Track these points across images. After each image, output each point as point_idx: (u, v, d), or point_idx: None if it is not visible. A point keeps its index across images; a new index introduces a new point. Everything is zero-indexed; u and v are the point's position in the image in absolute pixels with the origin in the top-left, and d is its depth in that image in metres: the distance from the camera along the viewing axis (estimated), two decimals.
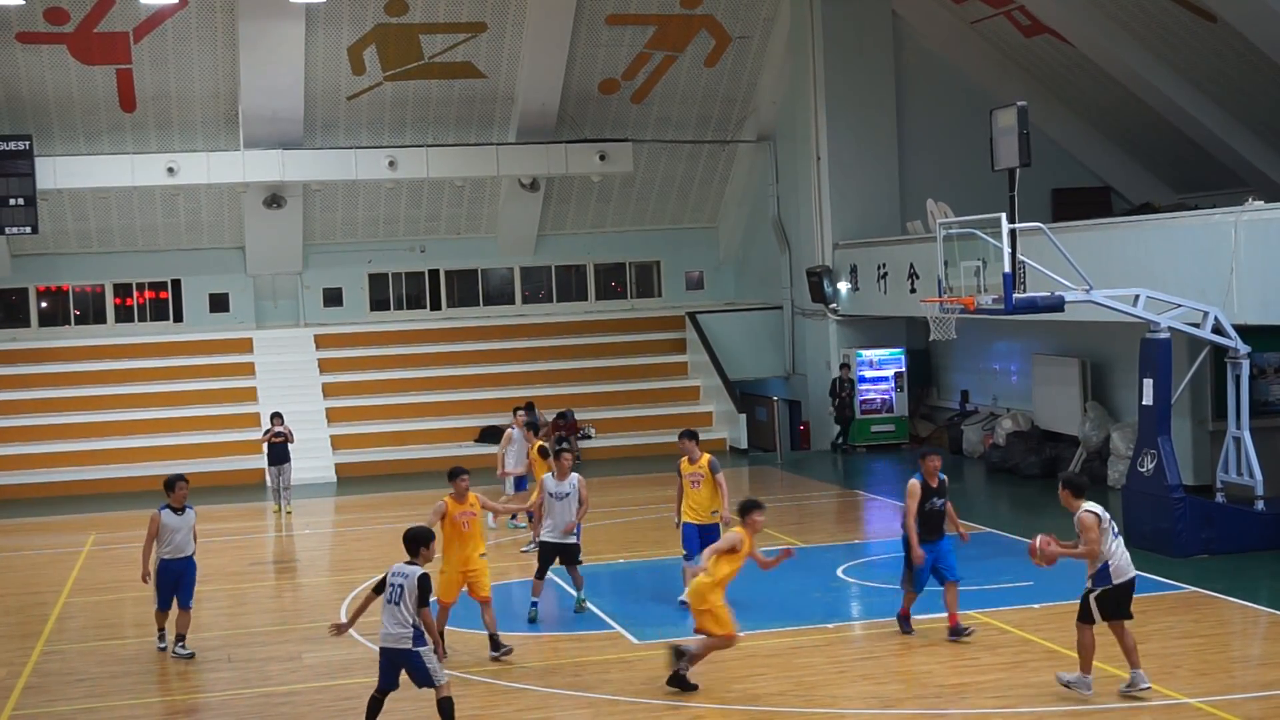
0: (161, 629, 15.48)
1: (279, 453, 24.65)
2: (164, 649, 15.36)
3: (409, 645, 11.46)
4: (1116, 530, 12.39)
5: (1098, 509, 12.31)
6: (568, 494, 15.88)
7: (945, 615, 14.53)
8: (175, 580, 15.16)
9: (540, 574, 16.00)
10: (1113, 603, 12.22)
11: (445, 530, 14.23)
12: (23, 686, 14.36)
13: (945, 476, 14.80)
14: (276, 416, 25.20)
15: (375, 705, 11.77)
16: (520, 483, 22.13)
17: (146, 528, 15.31)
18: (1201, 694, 12.38)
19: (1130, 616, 12.33)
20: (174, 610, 15.22)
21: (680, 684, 13.03)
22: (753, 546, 13.23)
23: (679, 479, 16.26)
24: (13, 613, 18.16)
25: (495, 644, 14.44)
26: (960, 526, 14.74)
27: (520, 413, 23.07)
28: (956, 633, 14.41)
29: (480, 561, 14.52)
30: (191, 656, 15.07)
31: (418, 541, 11.70)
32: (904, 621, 14.83)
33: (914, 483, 14.52)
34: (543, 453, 19.81)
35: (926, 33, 30.79)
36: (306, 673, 14.49)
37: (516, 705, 13.01)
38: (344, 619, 16.48)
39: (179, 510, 15.29)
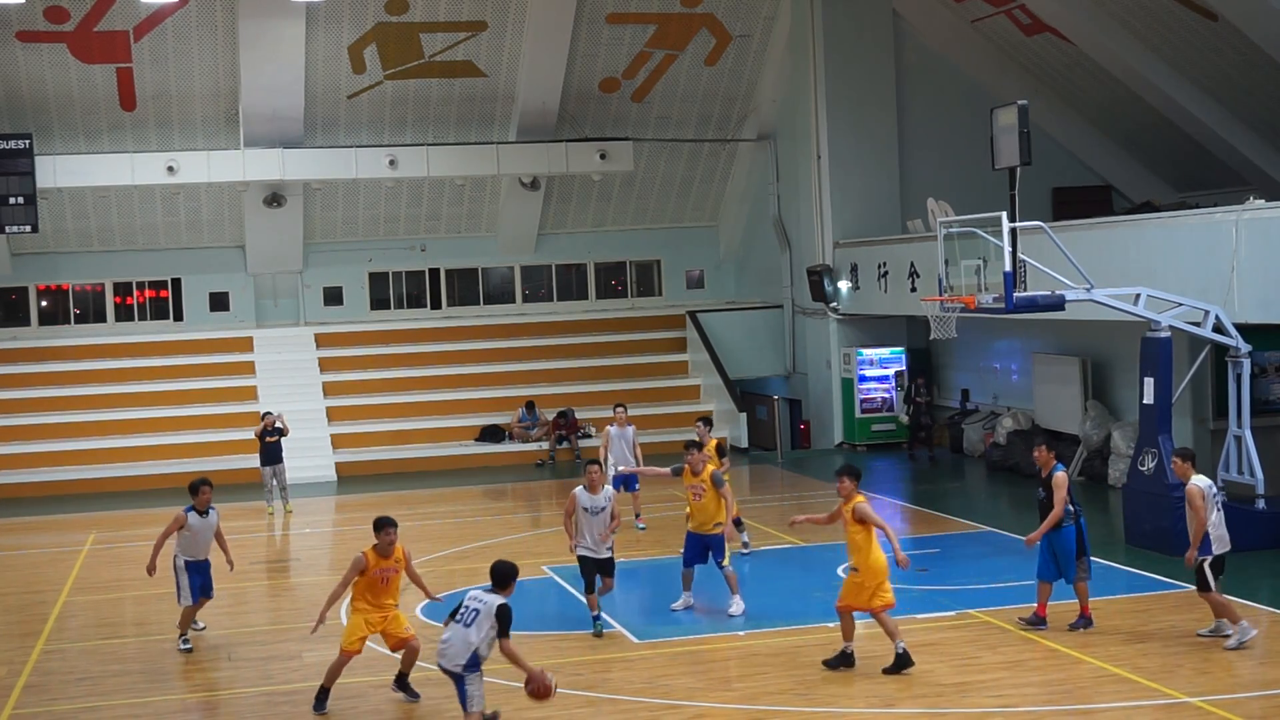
0: (187, 629, 15.67)
1: (273, 452, 24.63)
2: (188, 649, 15.47)
3: (461, 669, 11.53)
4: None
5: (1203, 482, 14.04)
6: (603, 508, 15.36)
7: (949, 614, 14.50)
8: (201, 576, 15.67)
9: (589, 589, 15.50)
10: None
11: (359, 582, 13.40)
12: (23, 685, 14.36)
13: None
14: (267, 415, 25.09)
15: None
16: (630, 481, 21.56)
17: (167, 525, 15.69)
18: (1202, 693, 12.38)
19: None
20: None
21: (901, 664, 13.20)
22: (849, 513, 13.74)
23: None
24: (13, 611, 18.16)
25: (403, 684, 13.49)
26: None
27: (620, 409, 22.36)
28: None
29: (394, 611, 13.47)
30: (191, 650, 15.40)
31: (508, 577, 11.69)
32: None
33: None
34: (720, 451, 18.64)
35: (927, 32, 30.78)
36: (307, 671, 14.49)
37: (516, 705, 12.99)
38: (344, 619, 16.51)
39: (203, 513, 15.64)
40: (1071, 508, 14.64)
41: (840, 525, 13.98)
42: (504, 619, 11.39)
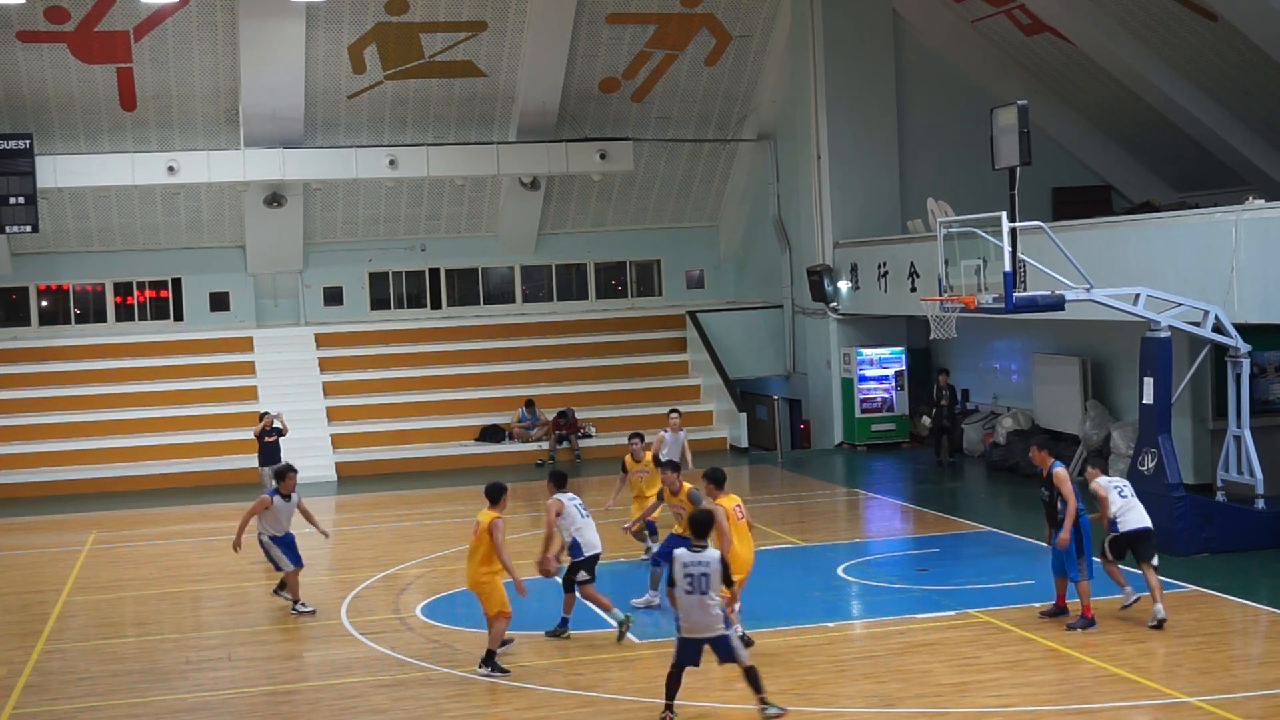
0: (296, 596, 17.03)
1: (271, 453, 24.63)
2: (308, 610, 16.85)
3: (721, 630, 11.61)
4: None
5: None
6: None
7: (949, 614, 14.52)
8: (287, 549, 17.07)
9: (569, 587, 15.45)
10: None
11: (488, 548, 13.84)
12: (23, 685, 14.37)
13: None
14: (266, 415, 25.08)
15: (677, 681, 11.87)
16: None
17: (252, 506, 17.14)
18: (1202, 693, 12.39)
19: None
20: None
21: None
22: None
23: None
24: (13, 611, 18.16)
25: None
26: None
27: (674, 415, 21.44)
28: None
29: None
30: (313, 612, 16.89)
31: (707, 526, 11.87)
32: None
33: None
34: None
35: (927, 32, 30.78)
36: (308, 671, 14.51)
37: (516, 705, 13.01)
38: (344, 618, 16.53)
39: (287, 497, 17.12)
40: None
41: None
42: (725, 566, 11.69)
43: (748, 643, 13.40)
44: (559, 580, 15.38)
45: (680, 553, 11.69)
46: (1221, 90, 26.43)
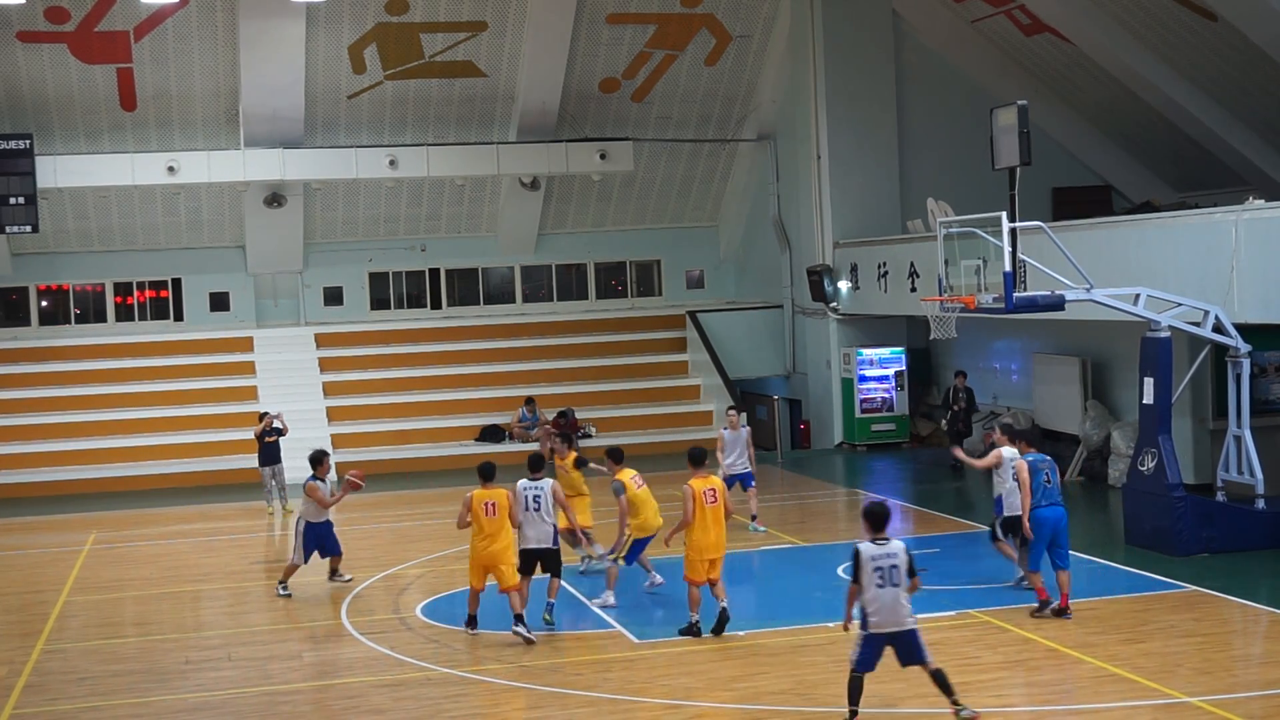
0: (285, 579, 18.06)
1: (271, 453, 24.62)
2: (287, 595, 17.82)
3: (911, 624, 11.60)
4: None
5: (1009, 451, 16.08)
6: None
7: (949, 614, 14.53)
8: (320, 538, 18.02)
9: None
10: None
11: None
12: (23, 685, 14.37)
13: None
14: (266, 415, 25.08)
15: (860, 686, 11.76)
16: (746, 478, 20.98)
17: (310, 495, 18.01)
18: (1202, 693, 12.39)
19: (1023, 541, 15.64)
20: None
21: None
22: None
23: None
24: (13, 611, 18.16)
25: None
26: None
27: (732, 412, 21.67)
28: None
29: None
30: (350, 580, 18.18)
31: (885, 518, 11.86)
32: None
33: None
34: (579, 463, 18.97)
35: (926, 32, 30.78)
36: (308, 671, 14.50)
37: (516, 705, 13.01)
38: (344, 618, 16.53)
39: (324, 480, 18.20)
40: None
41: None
42: (911, 558, 11.68)
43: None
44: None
45: (866, 547, 11.64)
46: (1221, 90, 26.43)
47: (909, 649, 11.64)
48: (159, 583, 19.52)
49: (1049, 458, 15.78)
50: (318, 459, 18.32)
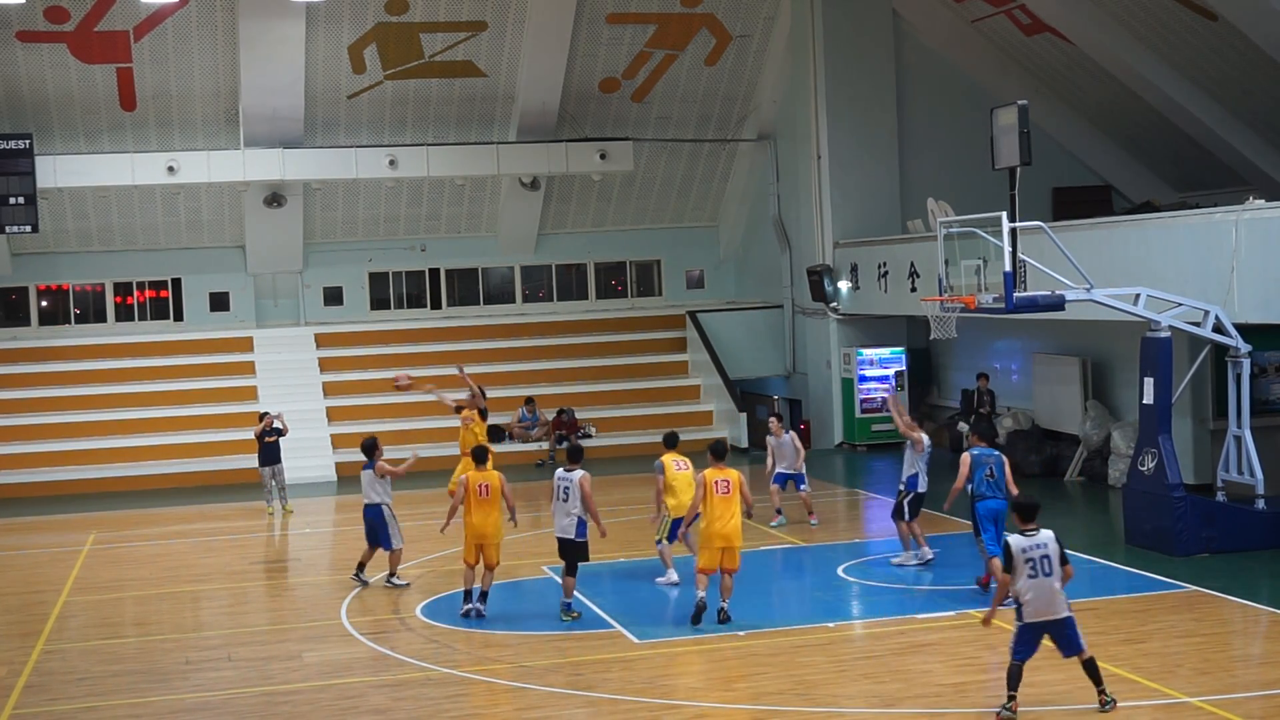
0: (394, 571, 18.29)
1: (271, 453, 24.63)
2: (405, 584, 18.08)
3: (1067, 612, 11.87)
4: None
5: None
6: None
7: (949, 614, 14.51)
8: (370, 524, 18.22)
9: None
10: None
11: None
12: (23, 685, 14.37)
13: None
14: (266, 415, 25.08)
15: (1019, 674, 11.97)
16: (798, 479, 21.57)
17: (386, 472, 18.37)
18: (1202, 693, 12.39)
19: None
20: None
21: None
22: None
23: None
24: (13, 611, 18.16)
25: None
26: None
27: (773, 420, 22.27)
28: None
29: None
30: (408, 585, 18.11)
31: (1035, 510, 12.08)
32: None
33: None
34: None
35: (926, 32, 30.78)
36: (307, 671, 14.50)
37: (516, 705, 13.01)
38: (344, 618, 16.52)
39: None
40: (969, 489, 16.49)
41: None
42: (1061, 544, 11.91)
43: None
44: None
45: (1016, 539, 11.93)
46: (1221, 90, 26.43)
47: (1066, 638, 11.93)
48: (159, 583, 19.53)
49: (998, 453, 16.53)
50: (372, 446, 18.31)
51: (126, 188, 31.00)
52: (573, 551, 15.92)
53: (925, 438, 18.21)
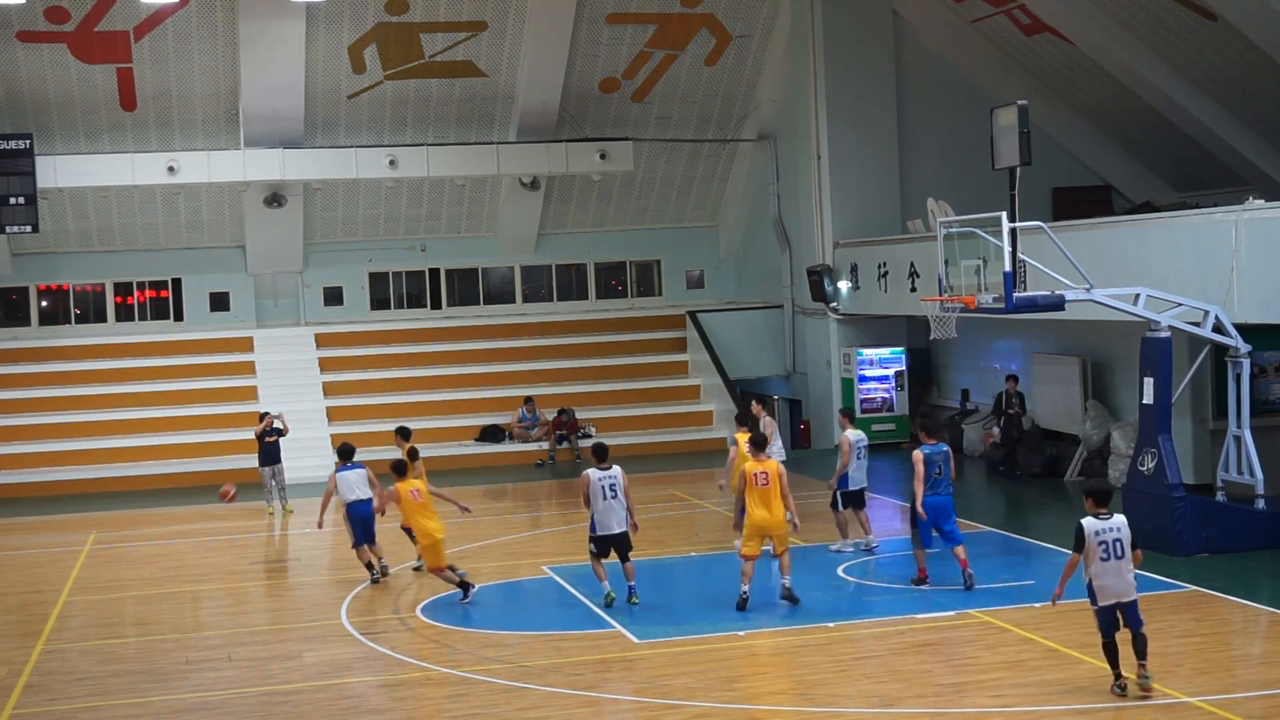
0: (367, 563, 18.52)
1: (271, 453, 24.64)
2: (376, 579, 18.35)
3: (1136, 594, 12.31)
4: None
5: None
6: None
7: (949, 614, 14.52)
8: (364, 520, 18.54)
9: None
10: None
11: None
12: (23, 685, 14.37)
13: None
14: (267, 415, 25.10)
15: (1115, 648, 12.39)
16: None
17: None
18: (1202, 693, 12.38)
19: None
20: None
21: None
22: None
23: None
24: (13, 611, 18.16)
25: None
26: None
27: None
28: None
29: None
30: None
31: (1108, 495, 12.45)
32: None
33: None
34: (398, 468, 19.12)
35: (926, 32, 30.79)
36: (307, 671, 14.50)
37: (516, 705, 13.00)
38: (344, 618, 16.53)
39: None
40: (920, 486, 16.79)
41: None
42: (1130, 531, 12.28)
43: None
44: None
45: (1090, 522, 12.25)
46: (1221, 90, 26.43)
47: (1134, 617, 12.34)
48: (158, 583, 19.53)
49: (945, 448, 17.00)
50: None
51: (127, 188, 31.01)
52: (628, 542, 16.60)
53: (845, 436, 19.03)
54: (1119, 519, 12.30)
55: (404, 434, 20.53)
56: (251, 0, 28.41)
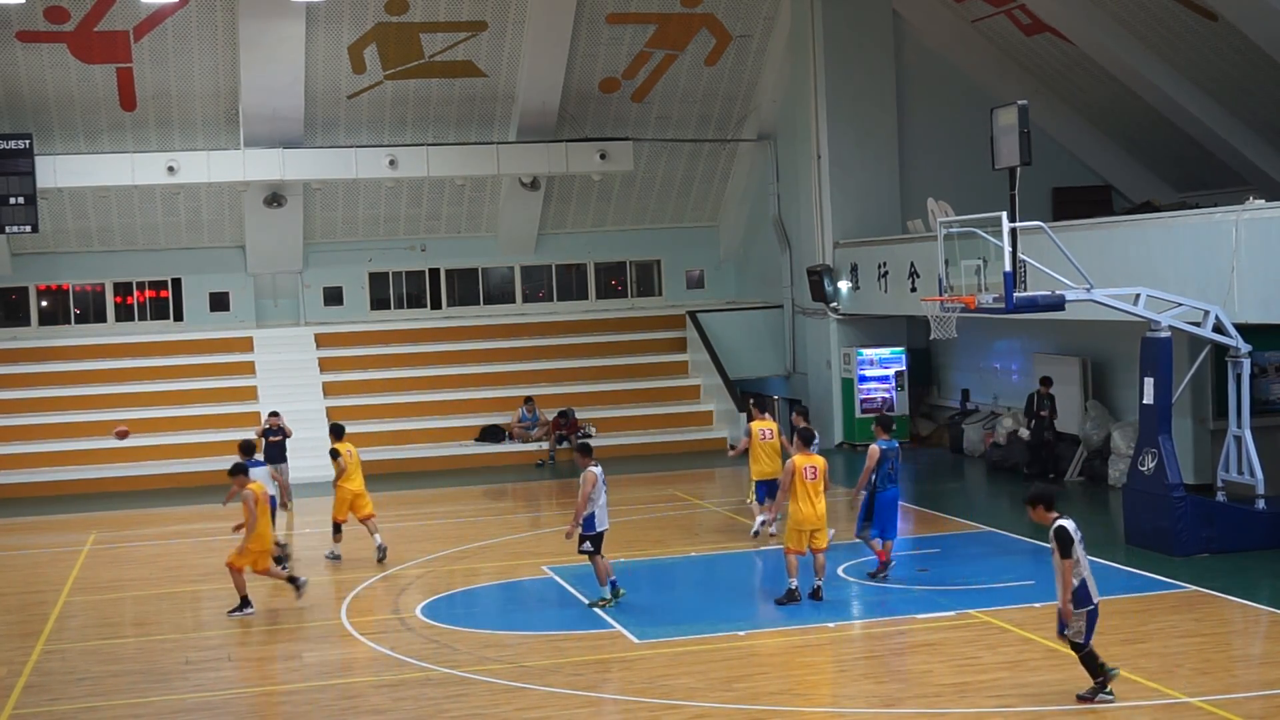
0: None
1: (275, 453, 24.63)
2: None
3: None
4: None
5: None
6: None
7: (949, 614, 14.52)
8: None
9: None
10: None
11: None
12: (23, 685, 14.36)
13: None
14: (274, 414, 25.16)
15: (1094, 655, 12.39)
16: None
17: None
18: (1202, 693, 12.38)
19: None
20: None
21: None
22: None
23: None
24: (13, 611, 18.16)
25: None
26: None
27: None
28: None
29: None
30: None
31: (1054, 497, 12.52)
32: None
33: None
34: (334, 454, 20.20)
35: (927, 32, 30.78)
36: (307, 671, 14.50)
37: (516, 705, 13.00)
38: (344, 618, 16.52)
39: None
40: (873, 479, 17.18)
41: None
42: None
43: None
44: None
45: (1071, 524, 12.23)
46: (1221, 90, 26.43)
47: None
48: (159, 583, 19.53)
49: (897, 444, 17.61)
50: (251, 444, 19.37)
51: (126, 188, 31.00)
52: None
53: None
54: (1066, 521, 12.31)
55: (337, 433, 20.76)
56: (251, 0, 28.40)
